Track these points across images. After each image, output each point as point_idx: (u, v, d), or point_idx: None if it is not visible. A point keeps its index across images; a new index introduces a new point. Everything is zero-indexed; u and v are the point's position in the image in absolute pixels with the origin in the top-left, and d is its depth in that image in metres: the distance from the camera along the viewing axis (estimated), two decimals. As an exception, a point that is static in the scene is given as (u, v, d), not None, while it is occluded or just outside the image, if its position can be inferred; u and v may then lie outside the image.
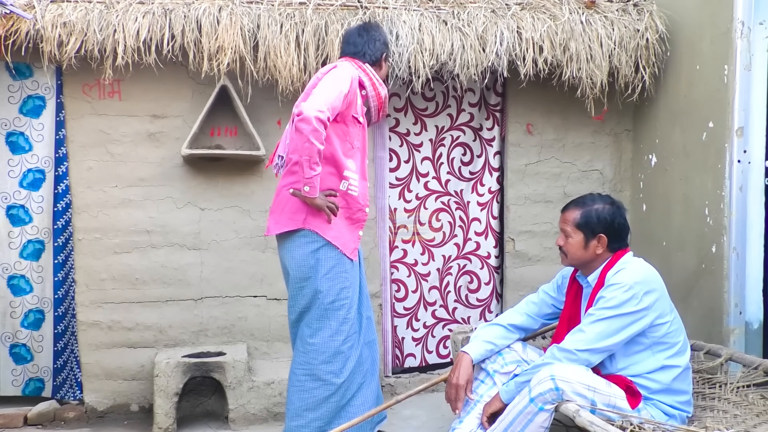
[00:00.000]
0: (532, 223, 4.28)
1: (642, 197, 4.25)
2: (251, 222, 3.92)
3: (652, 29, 3.95)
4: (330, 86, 2.73)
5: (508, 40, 3.77)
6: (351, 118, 2.86)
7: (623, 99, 4.11)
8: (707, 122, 3.60)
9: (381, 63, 3.06)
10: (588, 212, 2.57)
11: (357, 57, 3.00)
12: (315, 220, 2.81)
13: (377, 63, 3.04)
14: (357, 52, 3.00)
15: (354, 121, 2.87)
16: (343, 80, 2.78)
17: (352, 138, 2.87)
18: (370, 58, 3.01)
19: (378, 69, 3.05)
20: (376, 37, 3.04)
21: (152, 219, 3.82)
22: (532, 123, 4.24)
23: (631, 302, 2.38)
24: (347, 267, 2.88)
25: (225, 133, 3.88)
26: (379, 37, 3.06)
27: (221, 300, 3.92)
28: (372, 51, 3.02)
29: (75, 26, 3.43)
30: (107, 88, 3.73)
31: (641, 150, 4.26)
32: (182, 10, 3.55)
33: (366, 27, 3.08)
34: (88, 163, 3.75)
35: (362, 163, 2.97)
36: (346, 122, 2.84)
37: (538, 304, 2.85)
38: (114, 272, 3.80)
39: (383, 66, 3.09)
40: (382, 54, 3.05)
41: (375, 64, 3.03)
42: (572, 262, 2.65)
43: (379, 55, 3.04)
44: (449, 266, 4.31)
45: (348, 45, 3.05)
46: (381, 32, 3.09)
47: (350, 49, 3.02)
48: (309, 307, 2.85)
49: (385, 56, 3.09)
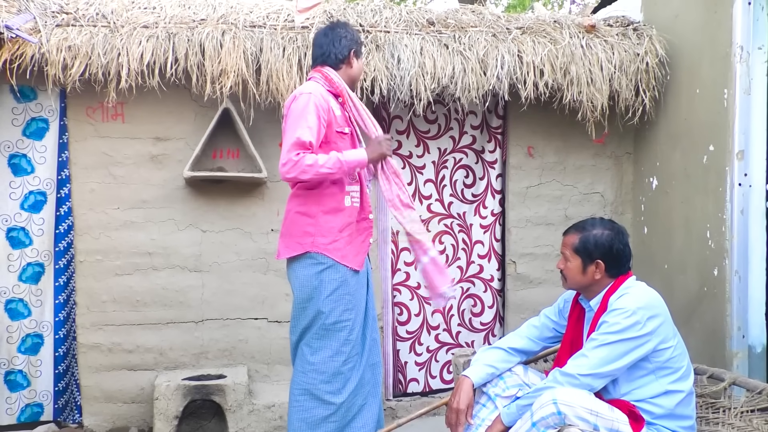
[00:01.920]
0: (534, 246, 4.28)
1: (643, 220, 4.26)
2: (253, 244, 3.93)
3: (651, 53, 3.99)
4: (292, 128, 2.73)
5: (509, 64, 3.81)
6: (336, 134, 2.85)
7: (624, 122, 4.14)
8: (708, 145, 3.62)
9: (350, 60, 2.94)
10: (586, 237, 2.58)
11: (325, 60, 2.93)
12: (322, 242, 2.82)
13: (346, 60, 2.93)
14: (323, 53, 2.93)
15: (340, 136, 2.84)
16: (304, 111, 2.74)
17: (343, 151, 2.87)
18: (336, 57, 2.92)
19: (348, 67, 2.95)
20: (342, 35, 2.94)
21: (154, 241, 3.83)
22: (533, 146, 4.26)
23: (635, 328, 2.38)
24: (352, 289, 2.88)
25: (227, 155, 3.90)
26: (345, 34, 2.95)
27: (222, 322, 3.92)
28: (338, 49, 2.91)
29: (80, 50, 3.47)
30: (110, 111, 3.76)
31: (642, 173, 4.28)
32: (186, 33, 3.59)
33: (331, 26, 3.00)
34: (91, 185, 3.77)
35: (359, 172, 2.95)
36: (332, 140, 2.83)
37: (539, 327, 2.84)
38: (115, 294, 3.80)
39: (353, 63, 2.96)
40: (349, 50, 2.93)
41: (344, 62, 2.94)
42: (572, 286, 2.65)
43: (347, 52, 2.92)
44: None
45: (315, 47, 2.98)
46: (348, 29, 2.98)
47: (317, 52, 2.96)
48: (310, 326, 2.84)
49: (355, 52, 2.95)
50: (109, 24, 3.58)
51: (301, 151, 2.67)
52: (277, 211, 3.87)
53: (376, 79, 3.69)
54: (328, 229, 2.82)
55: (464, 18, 4.02)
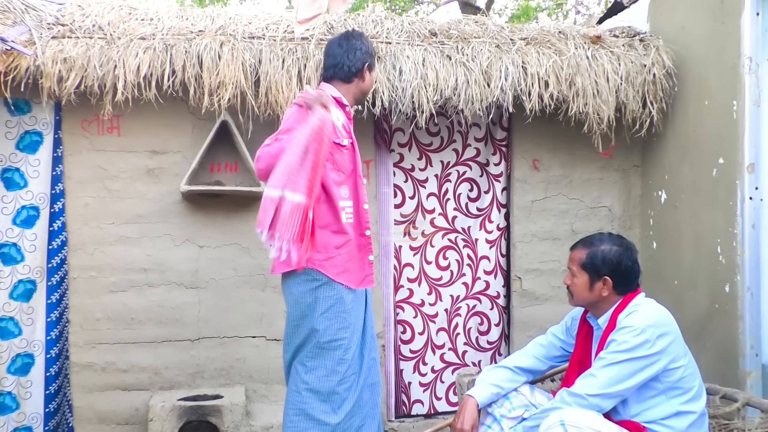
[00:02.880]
0: (540, 261, 4.27)
1: (652, 234, 4.25)
2: (251, 260, 3.92)
3: (658, 64, 3.99)
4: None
5: (513, 75, 3.81)
6: (333, 146, 2.83)
7: (631, 134, 4.13)
8: (717, 158, 3.61)
9: (363, 74, 2.92)
10: (594, 253, 2.57)
11: (336, 72, 2.91)
12: (318, 258, 2.80)
13: (359, 74, 2.91)
14: (336, 64, 2.91)
15: (337, 148, 2.82)
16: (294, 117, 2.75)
17: (341, 165, 2.86)
18: (349, 69, 2.90)
19: (361, 80, 2.94)
20: (357, 46, 2.91)
21: (149, 257, 3.82)
22: (539, 159, 4.26)
23: (644, 346, 2.36)
24: (347, 306, 2.86)
25: (225, 168, 3.90)
26: (361, 46, 2.92)
27: (219, 340, 3.89)
28: (351, 61, 2.89)
29: (75, 62, 3.48)
30: (106, 124, 3.77)
31: (650, 186, 4.27)
32: (183, 45, 3.60)
33: (347, 36, 2.97)
34: (85, 200, 3.76)
35: (355, 186, 2.92)
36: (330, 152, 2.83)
37: (546, 346, 2.83)
38: (109, 311, 3.78)
39: (366, 77, 2.94)
40: (364, 64, 2.91)
41: (357, 75, 2.92)
42: (578, 303, 2.64)
43: (361, 65, 2.90)
44: (458, 306, 4.28)
45: (328, 57, 2.96)
46: (363, 41, 2.95)
47: (329, 61, 2.94)
48: (304, 344, 2.82)
49: (369, 66, 2.94)
50: (106, 36, 3.59)
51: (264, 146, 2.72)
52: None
53: (378, 91, 3.69)
54: (323, 244, 2.80)
55: (467, 29, 4.03)
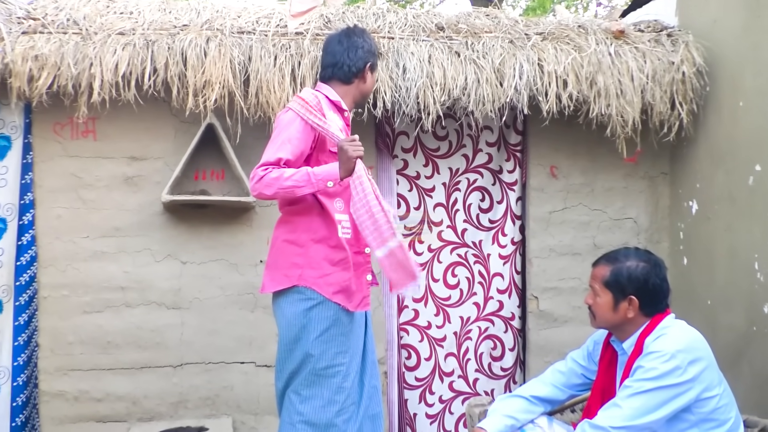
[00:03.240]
0: (558, 279, 4.25)
1: (682, 249, 4.23)
2: (239, 277, 3.91)
3: (688, 61, 3.98)
4: (271, 142, 2.80)
5: (528, 74, 3.81)
6: (329, 154, 2.84)
7: (658, 139, 4.13)
8: (753, 165, 3.60)
9: (364, 74, 2.95)
10: (619, 270, 2.56)
11: (335, 72, 2.92)
12: (312, 276, 2.80)
13: (360, 75, 2.93)
14: (335, 63, 2.92)
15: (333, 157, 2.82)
16: (289, 124, 2.78)
17: None
18: (349, 69, 2.91)
19: (362, 81, 2.96)
20: (359, 44, 2.93)
21: (127, 274, 3.81)
22: (557, 165, 4.25)
23: (674, 373, 2.34)
24: (345, 329, 2.85)
25: (211, 176, 3.90)
26: (363, 44, 2.94)
27: (204, 366, 3.87)
28: (352, 60, 2.91)
29: (48, 59, 3.48)
30: (81, 127, 3.77)
31: (680, 196, 4.25)
32: (166, 41, 3.61)
33: (348, 32, 2.99)
34: (57, 211, 3.76)
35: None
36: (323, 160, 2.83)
37: (565, 373, 2.81)
38: (83, 334, 3.77)
39: (367, 78, 2.97)
40: (366, 64, 2.93)
41: (357, 76, 2.93)
42: (601, 324, 2.63)
43: (362, 65, 2.92)
44: (468, 329, 4.26)
45: (326, 55, 2.97)
46: (365, 38, 2.97)
47: (328, 60, 2.95)
48: (298, 371, 2.81)
49: (371, 66, 2.96)
50: (81, 31, 3.60)
51: (270, 166, 2.71)
52: (267, 240, 3.83)
53: (379, 91, 3.69)
54: (318, 260, 2.80)
55: (477, 22, 4.04)
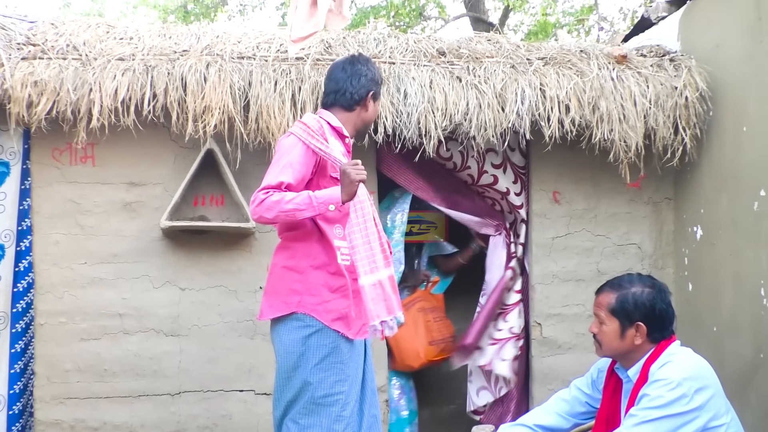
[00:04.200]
0: (562, 305, 4.25)
1: (687, 275, 4.23)
2: (238, 304, 3.91)
3: (691, 86, 4.02)
4: (272, 166, 2.84)
5: (530, 99, 3.84)
6: (330, 179, 2.87)
7: (662, 164, 4.15)
8: (758, 190, 3.62)
9: (366, 103, 2.98)
10: (624, 296, 2.56)
11: (337, 99, 2.96)
12: (311, 302, 2.81)
13: (362, 103, 2.97)
14: (338, 90, 2.96)
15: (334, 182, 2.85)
16: (291, 148, 2.82)
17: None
18: (351, 97, 2.94)
19: (364, 110, 2.99)
20: (362, 72, 2.97)
21: (125, 300, 3.82)
22: (559, 191, 4.27)
23: (680, 402, 2.34)
24: (344, 357, 2.85)
25: (210, 202, 3.92)
26: (366, 72, 2.98)
27: (202, 395, 3.87)
28: (355, 88, 2.94)
29: (47, 85, 3.52)
30: (79, 153, 3.80)
31: (684, 221, 4.27)
32: (166, 66, 3.65)
33: (352, 60, 3.03)
34: (55, 237, 3.77)
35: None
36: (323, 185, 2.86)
37: (569, 401, 2.81)
38: (80, 362, 3.77)
39: (369, 106, 3.00)
40: (368, 92, 2.97)
41: (359, 104, 2.97)
42: (607, 353, 2.62)
43: (365, 93, 2.96)
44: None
45: (329, 81, 3.01)
46: (369, 66, 3.02)
47: (331, 86, 2.99)
48: (296, 399, 2.81)
49: (373, 94, 3.00)
50: (81, 56, 3.64)
51: (271, 189, 2.74)
52: (266, 266, 3.85)
53: (380, 116, 3.71)
54: (317, 287, 2.81)
55: (479, 47, 4.08)
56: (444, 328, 4.31)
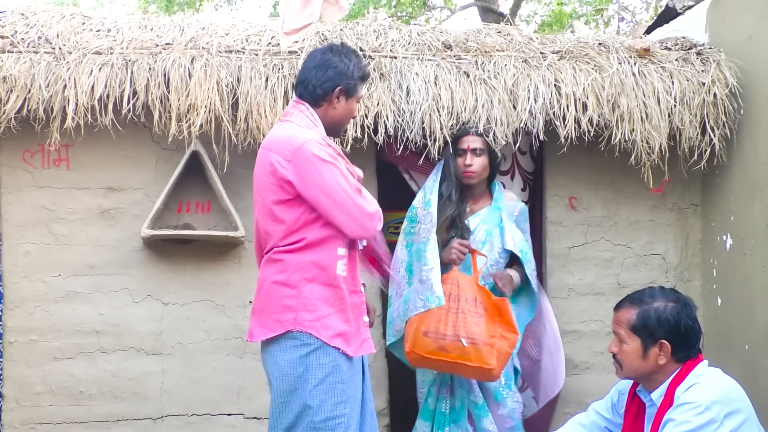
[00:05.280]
0: (579, 321, 4.25)
1: (716, 288, 4.23)
2: (226, 320, 3.91)
3: (720, 82, 4.02)
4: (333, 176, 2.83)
5: (544, 96, 3.84)
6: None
7: (688, 167, 4.15)
8: (794, 195, 3.62)
9: (332, 99, 2.86)
10: (646, 312, 2.56)
11: (302, 93, 2.89)
12: (307, 319, 2.80)
13: (327, 98, 2.86)
14: (303, 80, 2.89)
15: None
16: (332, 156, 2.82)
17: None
18: (314, 91, 2.84)
19: (330, 107, 2.88)
20: (332, 63, 2.84)
21: (103, 316, 3.82)
22: (576, 196, 4.27)
23: (709, 427, 2.34)
24: (345, 377, 2.85)
25: (195, 209, 3.92)
26: (337, 64, 2.85)
27: (186, 419, 3.87)
28: (319, 80, 2.83)
29: (17, 81, 3.53)
30: (53, 155, 3.80)
31: (713, 229, 4.27)
32: (147, 61, 3.65)
33: (327, 49, 2.93)
34: (26, 247, 3.78)
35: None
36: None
37: (587, 426, 2.81)
38: (53, 384, 3.77)
39: (337, 104, 2.88)
40: (335, 87, 2.84)
41: (324, 100, 2.86)
42: (629, 375, 2.62)
43: (329, 87, 2.84)
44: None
45: (300, 69, 2.98)
46: (344, 59, 2.87)
47: (300, 76, 2.93)
48: (294, 425, 2.80)
49: (343, 90, 2.86)
50: (54, 50, 3.65)
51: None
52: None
53: (380, 115, 3.72)
54: (313, 301, 2.80)
55: (488, 40, 4.09)
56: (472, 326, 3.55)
